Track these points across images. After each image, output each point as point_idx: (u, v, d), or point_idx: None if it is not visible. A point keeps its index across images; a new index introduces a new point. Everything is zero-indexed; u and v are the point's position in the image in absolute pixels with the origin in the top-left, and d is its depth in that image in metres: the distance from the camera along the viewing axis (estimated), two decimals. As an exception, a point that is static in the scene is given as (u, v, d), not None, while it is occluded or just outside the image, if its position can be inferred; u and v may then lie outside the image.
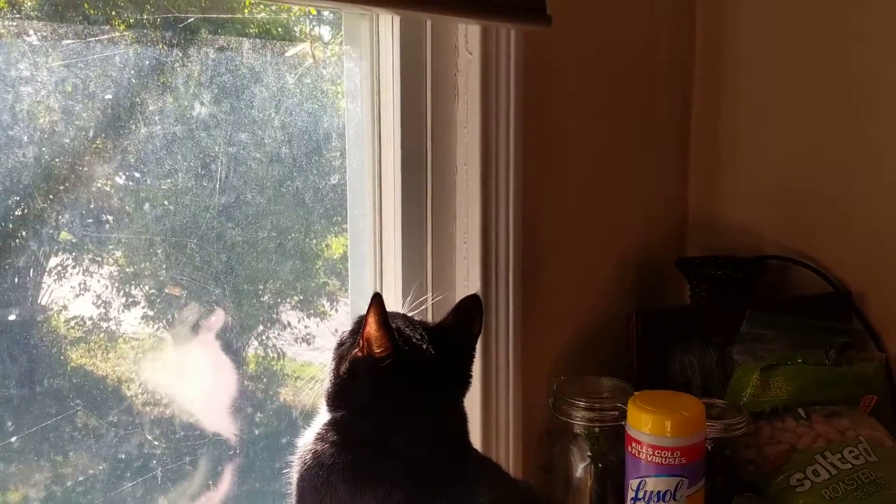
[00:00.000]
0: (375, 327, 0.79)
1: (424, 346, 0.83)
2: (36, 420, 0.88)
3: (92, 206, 0.92)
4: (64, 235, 0.94)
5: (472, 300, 0.88)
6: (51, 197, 0.88)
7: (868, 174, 1.40)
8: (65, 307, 0.93)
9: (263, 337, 1.12)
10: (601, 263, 1.42)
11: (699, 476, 1.11)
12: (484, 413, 1.20)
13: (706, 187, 1.57)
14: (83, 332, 0.94)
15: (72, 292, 0.93)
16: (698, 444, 1.11)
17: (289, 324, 1.10)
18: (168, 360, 1.00)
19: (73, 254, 0.93)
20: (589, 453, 1.19)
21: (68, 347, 0.93)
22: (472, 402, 1.19)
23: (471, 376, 0.88)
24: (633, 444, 1.11)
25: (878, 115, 1.38)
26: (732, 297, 1.42)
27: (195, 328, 1.00)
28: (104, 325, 0.95)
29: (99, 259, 0.95)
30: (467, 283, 1.18)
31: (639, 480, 1.11)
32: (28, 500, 0.88)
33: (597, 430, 1.20)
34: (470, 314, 0.88)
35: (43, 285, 0.92)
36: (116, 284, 0.96)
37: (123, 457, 0.95)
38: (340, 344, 0.85)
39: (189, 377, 1.01)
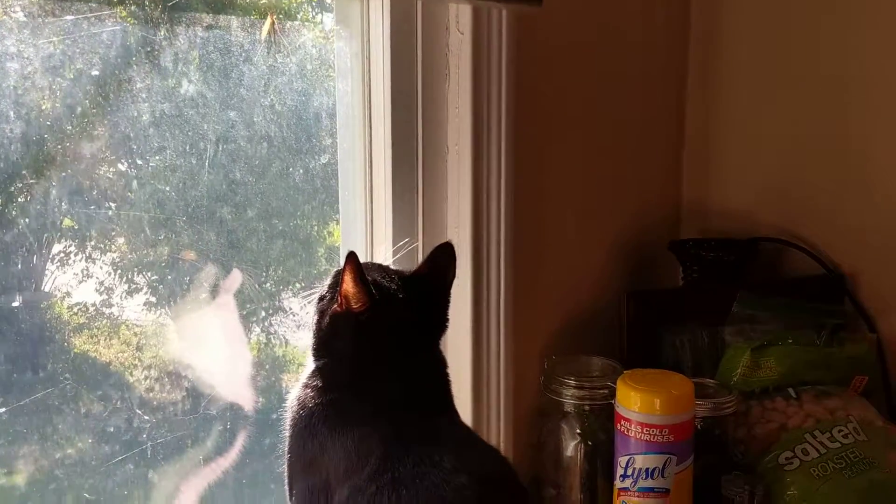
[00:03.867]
0: (352, 284, 0.81)
1: (401, 296, 0.85)
2: (40, 403, 0.89)
3: (95, 193, 0.93)
4: (67, 222, 0.95)
5: (445, 248, 0.91)
6: (53, 184, 0.89)
7: (861, 157, 1.40)
8: (68, 294, 0.94)
9: (265, 324, 1.13)
10: (594, 246, 1.42)
11: (688, 454, 1.12)
12: (475, 392, 1.21)
13: (700, 171, 1.57)
14: (86, 318, 0.95)
15: (75, 279, 0.94)
16: (687, 423, 1.11)
17: (290, 310, 1.11)
18: (171, 339, 1.01)
19: (76, 241, 0.94)
20: (579, 431, 1.20)
21: (72, 333, 0.94)
22: (463, 381, 1.20)
23: (447, 321, 0.91)
24: (623, 422, 1.12)
25: (871, 100, 1.38)
26: (725, 279, 1.42)
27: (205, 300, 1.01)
28: (107, 311, 0.96)
29: (101, 246, 0.96)
30: (458, 263, 1.18)
31: (628, 458, 1.12)
32: (36, 480, 0.89)
33: (587, 408, 1.20)
34: (444, 261, 0.90)
35: (46, 272, 0.93)
36: (119, 271, 0.97)
37: (113, 431, 0.96)
38: (320, 299, 0.87)
39: (193, 354, 1.02)
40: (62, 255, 0.94)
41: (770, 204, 1.51)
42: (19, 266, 0.90)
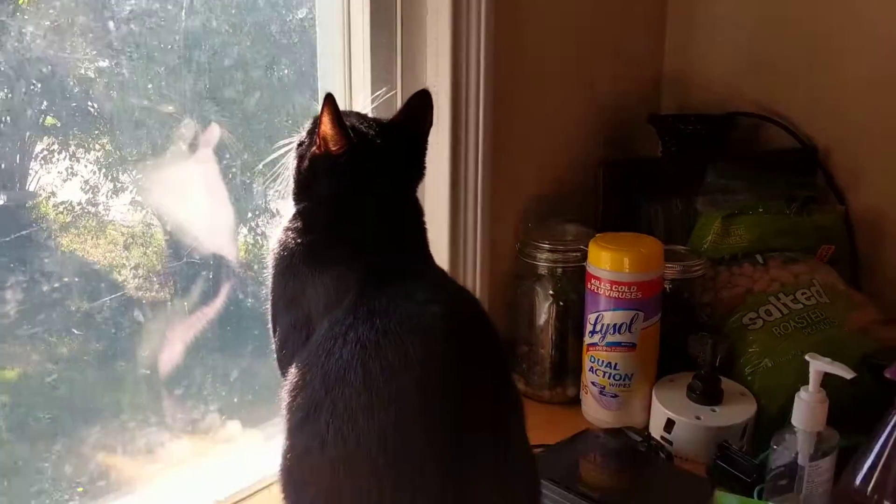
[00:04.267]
0: (330, 126, 0.82)
1: (378, 141, 0.86)
2: (34, 307, 0.91)
3: (76, 91, 0.92)
4: (49, 121, 0.95)
5: (421, 95, 0.90)
6: (33, 81, 0.88)
7: (839, 33, 1.40)
8: (53, 193, 0.94)
9: (253, 224, 1.14)
10: (574, 116, 1.43)
11: (655, 311, 1.16)
12: (452, 253, 1.24)
13: (682, 45, 1.57)
14: (72, 217, 0.96)
15: (59, 178, 0.94)
16: (655, 281, 1.15)
17: (278, 212, 1.12)
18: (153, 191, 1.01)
19: (59, 138, 0.94)
20: (551, 292, 1.24)
21: (58, 232, 0.94)
22: (440, 243, 1.22)
23: (424, 168, 0.92)
24: (593, 281, 1.16)
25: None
26: (702, 152, 1.44)
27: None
28: (92, 209, 0.97)
29: (85, 144, 0.96)
30: (436, 125, 1.19)
31: (597, 314, 1.16)
32: (23, 311, 0.90)
33: (559, 271, 1.24)
34: (420, 108, 0.90)
35: (30, 171, 0.93)
36: (103, 170, 0.97)
37: (98, 269, 0.98)
38: (299, 144, 0.88)
39: (174, 206, 1.02)
40: (45, 153, 0.95)
41: (749, 80, 1.51)
42: (2, 165, 0.90)
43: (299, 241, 0.85)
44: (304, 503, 0.77)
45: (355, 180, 0.85)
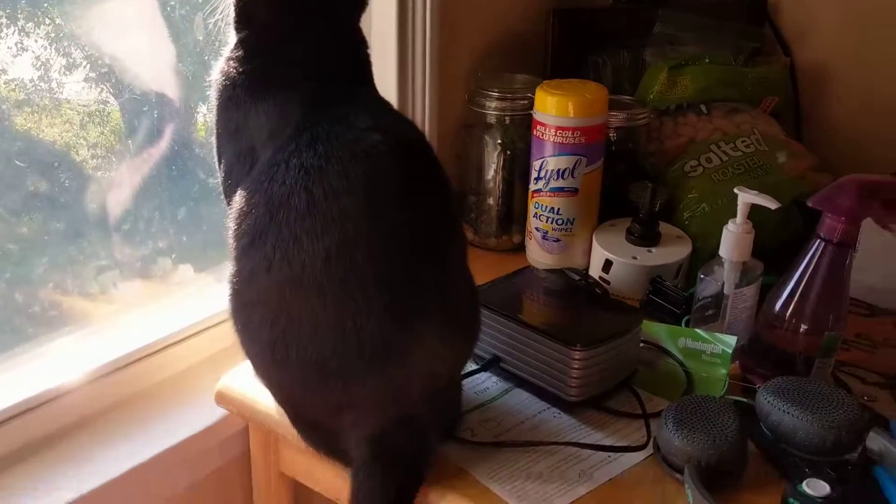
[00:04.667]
0: None
1: None
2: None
3: None
4: None
5: None
6: None
7: None
8: (3, 70, 0.91)
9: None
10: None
11: (597, 157, 1.18)
12: (400, 103, 1.24)
13: None
14: (25, 95, 0.93)
15: (9, 53, 0.90)
16: (598, 127, 1.17)
17: None
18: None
19: (7, 11, 0.90)
20: (500, 141, 1.26)
21: (13, 110, 0.91)
22: (388, 93, 1.23)
23: None
24: (539, 127, 1.18)
25: None
26: (652, 2, 1.44)
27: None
28: (44, 86, 0.94)
29: (34, 18, 0.92)
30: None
31: (541, 161, 1.18)
32: None
33: (507, 120, 1.25)
34: None
35: None
36: (54, 45, 0.94)
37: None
38: None
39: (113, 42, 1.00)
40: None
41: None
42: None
43: (241, 69, 0.85)
44: (252, 324, 0.80)
45: (296, 6, 0.84)
